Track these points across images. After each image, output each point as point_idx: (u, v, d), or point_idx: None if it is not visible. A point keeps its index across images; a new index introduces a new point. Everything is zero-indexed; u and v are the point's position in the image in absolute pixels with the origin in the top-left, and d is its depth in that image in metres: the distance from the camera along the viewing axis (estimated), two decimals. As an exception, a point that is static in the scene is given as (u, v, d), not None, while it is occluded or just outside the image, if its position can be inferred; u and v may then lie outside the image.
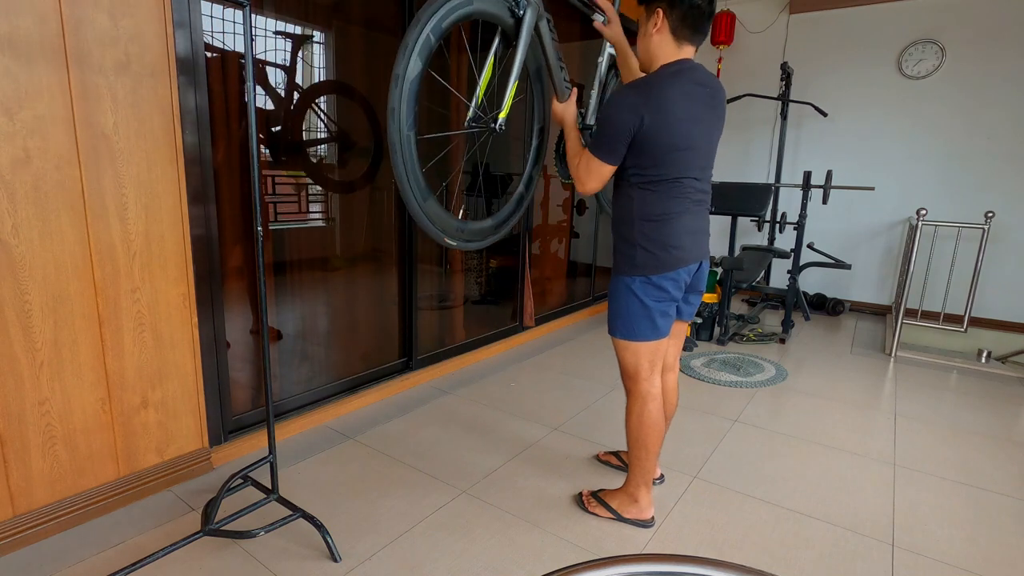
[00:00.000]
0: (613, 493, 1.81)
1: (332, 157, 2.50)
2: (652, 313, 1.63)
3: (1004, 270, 4.16)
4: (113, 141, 1.58)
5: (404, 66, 1.28)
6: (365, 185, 2.57)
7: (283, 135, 2.27)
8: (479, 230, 1.65)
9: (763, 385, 2.96)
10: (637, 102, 1.49)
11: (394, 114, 1.30)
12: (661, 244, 1.59)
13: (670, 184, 1.57)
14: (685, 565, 0.59)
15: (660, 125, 1.49)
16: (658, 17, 1.53)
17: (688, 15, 1.51)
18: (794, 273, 3.89)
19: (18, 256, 1.45)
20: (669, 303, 1.64)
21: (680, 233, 1.60)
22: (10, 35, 1.36)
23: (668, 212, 1.59)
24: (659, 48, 1.56)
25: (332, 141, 2.46)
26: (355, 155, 2.52)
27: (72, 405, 1.60)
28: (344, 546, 1.60)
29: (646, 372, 1.67)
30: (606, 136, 1.54)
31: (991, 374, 3.28)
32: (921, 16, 4.20)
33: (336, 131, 2.45)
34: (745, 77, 4.92)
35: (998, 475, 2.13)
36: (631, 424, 1.71)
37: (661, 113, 1.49)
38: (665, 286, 1.61)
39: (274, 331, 2.37)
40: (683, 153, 1.54)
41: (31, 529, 1.57)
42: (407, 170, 1.36)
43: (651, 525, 1.76)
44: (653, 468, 1.74)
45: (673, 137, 1.52)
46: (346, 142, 2.49)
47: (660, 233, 1.59)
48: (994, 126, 4.08)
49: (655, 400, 1.69)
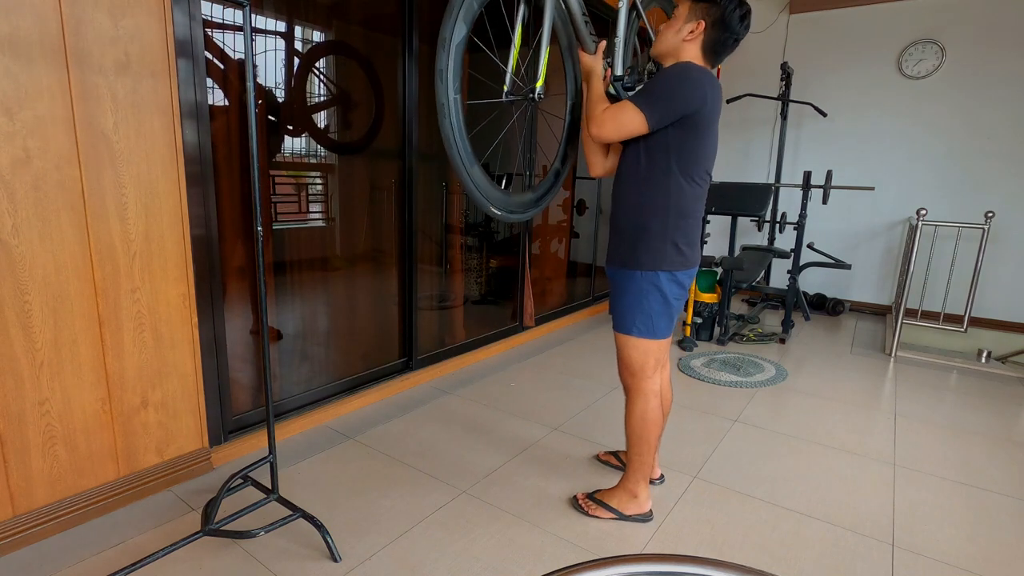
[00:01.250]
0: (611, 492, 1.80)
1: (334, 121, 2.48)
2: (672, 310, 1.66)
3: (1004, 270, 4.16)
4: (113, 141, 1.58)
5: (451, 29, 1.29)
6: (366, 147, 2.56)
7: (286, 101, 2.25)
8: (522, 202, 1.65)
9: (763, 385, 2.96)
10: (706, 83, 1.50)
11: (442, 75, 1.30)
12: (690, 241, 1.63)
13: (700, 182, 1.60)
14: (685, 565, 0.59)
15: (712, 117, 1.53)
16: (698, 28, 1.54)
17: (721, 43, 1.55)
18: (794, 273, 3.89)
19: (18, 256, 1.45)
20: (684, 300, 1.69)
21: (698, 231, 1.66)
22: (10, 35, 1.36)
23: (697, 209, 1.63)
24: (685, 54, 1.57)
25: (334, 104, 2.44)
26: (356, 117, 2.51)
27: (72, 405, 1.60)
28: (344, 546, 1.60)
29: (651, 370, 1.69)
30: (661, 97, 1.49)
31: (991, 374, 3.28)
32: (921, 16, 4.20)
33: (337, 93, 2.44)
34: (745, 77, 4.92)
35: (998, 475, 2.13)
36: (634, 421, 1.71)
37: (715, 104, 1.53)
38: (685, 283, 1.66)
39: (274, 331, 2.37)
40: (712, 152, 1.59)
41: (31, 529, 1.56)
42: (455, 134, 1.35)
43: (651, 518, 1.77)
44: (651, 464, 1.76)
45: (713, 134, 1.56)
46: (347, 103, 2.48)
47: (691, 229, 1.63)
48: (994, 126, 4.08)
49: (657, 397, 1.70)
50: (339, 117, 2.48)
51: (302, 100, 2.33)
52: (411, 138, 2.59)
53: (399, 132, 2.59)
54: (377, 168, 2.62)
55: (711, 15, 1.52)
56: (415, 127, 2.60)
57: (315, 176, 2.53)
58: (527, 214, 1.67)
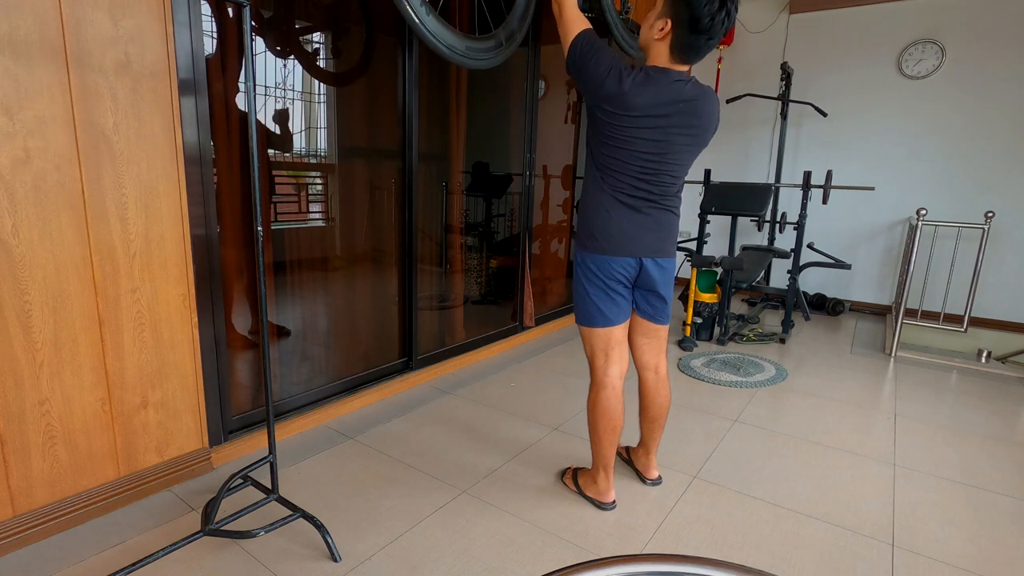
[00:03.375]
0: (583, 471, 1.94)
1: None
2: (600, 296, 1.73)
3: (1004, 270, 4.16)
4: (113, 141, 1.58)
5: None
6: (360, 75, 2.55)
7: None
8: (485, 48, 1.64)
9: (763, 385, 2.96)
10: (633, 72, 1.52)
11: None
12: (607, 232, 1.65)
13: (625, 198, 1.62)
14: (685, 565, 0.59)
15: (634, 123, 1.53)
16: (666, 26, 1.51)
17: (688, 45, 1.51)
18: (794, 273, 3.89)
19: (18, 256, 1.45)
20: (613, 290, 1.73)
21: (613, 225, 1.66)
22: (10, 35, 1.36)
23: (603, 203, 1.64)
24: (656, 51, 1.57)
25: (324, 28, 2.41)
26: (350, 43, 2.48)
27: (72, 405, 1.60)
28: (344, 546, 1.60)
29: (601, 360, 1.75)
30: (594, 55, 1.53)
31: (991, 374, 3.28)
32: (921, 16, 4.20)
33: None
34: (745, 77, 4.92)
35: (998, 475, 2.13)
36: (587, 408, 1.80)
37: (649, 110, 1.52)
38: (603, 268, 1.69)
39: (274, 327, 2.37)
40: (640, 150, 1.57)
41: (31, 529, 1.57)
42: None
43: (610, 508, 1.82)
44: (608, 455, 1.79)
45: (647, 144, 1.55)
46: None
47: (610, 222, 1.65)
48: (994, 126, 4.08)
49: (608, 389, 1.73)
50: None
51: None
52: (411, 138, 2.59)
53: (399, 132, 2.59)
54: (377, 168, 2.63)
55: (680, 15, 1.47)
56: (415, 127, 2.60)
57: (315, 176, 2.53)
58: (495, 60, 1.68)
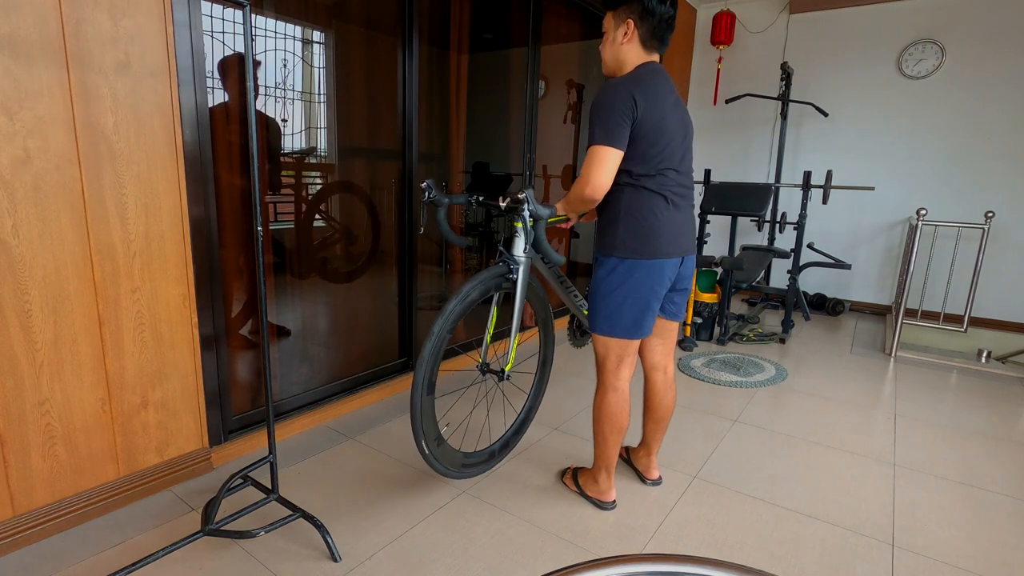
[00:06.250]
0: (584, 471, 1.94)
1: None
2: (629, 303, 1.74)
3: (1004, 270, 4.16)
4: (113, 141, 1.58)
5: (440, 326, 1.75)
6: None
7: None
8: (463, 463, 1.88)
9: (763, 385, 2.96)
10: (631, 88, 1.52)
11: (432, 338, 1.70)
12: (642, 236, 1.64)
13: (654, 185, 1.62)
14: (685, 565, 0.59)
15: (654, 115, 1.55)
16: (628, 28, 1.59)
17: (657, 28, 1.59)
18: (794, 273, 3.89)
19: (18, 256, 1.45)
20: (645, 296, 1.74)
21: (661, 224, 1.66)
22: (10, 35, 1.36)
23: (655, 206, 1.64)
24: (628, 55, 1.62)
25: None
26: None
27: (72, 405, 1.60)
28: (344, 546, 1.60)
29: (612, 364, 1.75)
30: (607, 121, 1.53)
31: (991, 374, 3.28)
32: (921, 16, 4.20)
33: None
34: (745, 77, 4.92)
35: (998, 475, 2.13)
36: (593, 411, 1.80)
37: (651, 99, 1.54)
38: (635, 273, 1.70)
39: (274, 327, 2.37)
40: (668, 142, 1.60)
41: (31, 529, 1.57)
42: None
43: (611, 508, 1.82)
44: (611, 456, 1.80)
45: (666, 131, 1.58)
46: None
47: (643, 226, 1.64)
48: (994, 126, 4.07)
49: (617, 392, 1.74)
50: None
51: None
52: (411, 139, 2.59)
53: (399, 133, 2.59)
54: (377, 168, 2.62)
55: (634, 11, 1.57)
56: (415, 128, 2.60)
57: (315, 176, 2.53)
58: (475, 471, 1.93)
